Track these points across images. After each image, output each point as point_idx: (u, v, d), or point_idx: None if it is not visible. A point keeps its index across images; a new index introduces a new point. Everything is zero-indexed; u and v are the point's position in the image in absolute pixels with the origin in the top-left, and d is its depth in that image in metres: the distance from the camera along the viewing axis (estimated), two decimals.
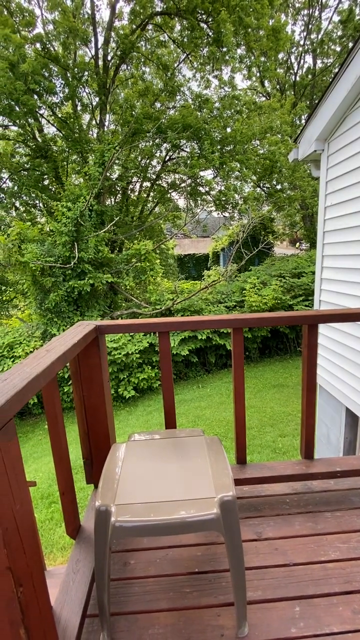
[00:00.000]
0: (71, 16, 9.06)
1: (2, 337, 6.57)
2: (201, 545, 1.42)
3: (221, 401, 6.26)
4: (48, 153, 9.49)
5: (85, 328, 1.34)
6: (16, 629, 0.70)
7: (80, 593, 1.11)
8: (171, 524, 0.99)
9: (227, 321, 1.44)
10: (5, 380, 0.79)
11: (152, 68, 10.94)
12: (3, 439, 0.67)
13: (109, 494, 1.07)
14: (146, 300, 8.12)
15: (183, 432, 1.44)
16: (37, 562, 0.77)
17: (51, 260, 6.62)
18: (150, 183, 10.76)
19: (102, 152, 7.62)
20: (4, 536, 0.65)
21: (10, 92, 7.75)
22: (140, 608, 1.18)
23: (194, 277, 14.60)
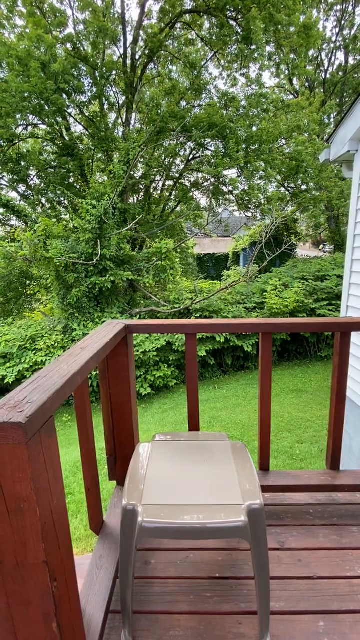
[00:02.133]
0: (101, 16, 9.18)
1: (25, 329, 6.76)
2: (222, 550, 1.41)
3: (237, 403, 6.20)
4: (74, 151, 9.66)
5: (115, 327, 1.35)
6: (49, 623, 0.71)
7: (103, 589, 1.13)
8: (198, 528, 0.99)
9: (256, 325, 1.42)
10: (45, 377, 0.81)
11: (179, 66, 10.92)
12: (45, 436, 0.68)
13: (135, 493, 1.08)
14: (165, 298, 8.15)
15: (208, 435, 1.43)
16: (70, 558, 0.79)
17: (75, 256, 6.75)
18: (173, 182, 10.77)
19: (127, 151, 7.69)
20: (43, 531, 0.66)
21: (41, 91, 7.95)
22: (161, 608, 1.19)
23: (213, 277, 14.53)
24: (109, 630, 1.10)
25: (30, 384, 0.77)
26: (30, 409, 0.64)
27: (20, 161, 9.69)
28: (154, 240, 9.30)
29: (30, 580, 0.69)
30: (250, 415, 5.62)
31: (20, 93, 7.94)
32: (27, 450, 0.61)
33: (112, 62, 9.36)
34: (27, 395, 0.71)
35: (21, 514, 0.65)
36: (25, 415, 0.62)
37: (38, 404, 0.66)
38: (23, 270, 8.43)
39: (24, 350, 6.30)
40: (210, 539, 1.12)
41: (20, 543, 0.66)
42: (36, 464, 0.64)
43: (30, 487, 0.63)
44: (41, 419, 0.67)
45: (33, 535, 0.66)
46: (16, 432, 0.60)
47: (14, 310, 9.32)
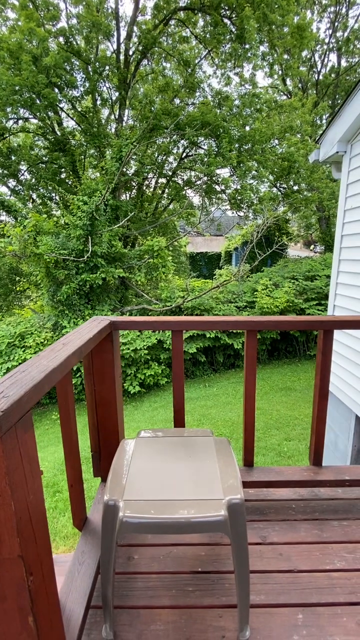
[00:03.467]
0: (95, 10, 9.08)
1: (15, 326, 6.68)
2: (205, 545, 1.42)
3: (227, 401, 6.24)
4: (66, 147, 9.55)
5: (100, 323, 1.35)
6: (25, 617, 0.71)
7: (85, 584, 1.13)
8: (178, 523, 0.99)
9: (242, 323, 1.43)
10: (24, 372, 0.80)
11: (172, 64, 10.88)
12: (21, 431, 0.68)
13: (117, 488, 1.08)
14: (157, 296, 8.14)
15: (192, 431, 1.44)
16: (47, 552, 0.79)
17: (65, 253, 6.68)
18: (166, 179, 10.74)
19: (119, 147, 7.63)
20: (18, 525, 0.66)
21: (32, 85, 7.83)
22: (142, 603, 1.19)
23: (205, 276, 14.56)
24: (89, 625, 1.10)
25: (7, 378, 0.76)
26: (5, 403, 0.64)
27: (10, 155, 9.55)
28: (146, 238, 9.27)
29: (5, 574, 0.68)
30: (239, 413, 5.66)
31: (11, 86, 7.81)
32: (2, 444, 0.61)
33: (106, 58, 9.27)
34: (3, 389, 0.70)
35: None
36: (0, 409, 0.62)
37: (14, 399, 0.66)
38: (12, 267, 8.33)
39: (12, 348, 6.23)
40: (191, 533, 1.14)
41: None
42: (11, 459, 0.64)
43: (5, 482, 0.63)
44: (17, 413, 0.66)
45: (8, 529, 0.66)
46: None
47: (2, 307, 9.19)
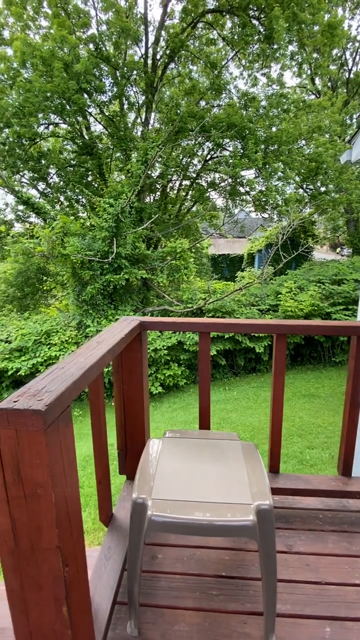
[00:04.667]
0: (124, 16, 9.27)
1: (41, 324, 6.90)
2: (229, 550, 1.41)
3: (248, 406, 6.15)
4: (93, 150, 9.80)
5: (130, 323, 1.37)
6: (60, 607, 0.73)
7: (111, 580, 1.15)
8: (206, 525, 0.99)
9: (271, 326, 1.41)
10: (63, 369, 0.83)
11: (199, 66, 10.92)
12: (62, 425, 0.70)
13: (145, 487, 1.09)
14: (178, 298, 8.16)
15: (218, 434, 1.43)
16: (81, 545, 0.81)
17: (90, 254, 6.84)
18: (190, 182, 10.77)
19: (145, 150, 7.74)
20: (57, 517, 0.68)
21: (63, 91, 8.09)
22: (166, 603, 1.20)
23: (227, 278, 14.45)
24: (115, 621, 1.12)
25: (49, 374, 0.79)
26: (49, 398, 0.66)
27: (41, 159, 9.90)
28: (169, 240, 9.33)
29: (44, 564, 0.71)
30: (260, 418, 5.57)
31: (43, 93, 8.11)
32: (45, 437, 0.63)
33: (134, 62, 9.44)
34: (45, 384, 0.73)
35: (37, 499, 0.67)
36: (45, 403, 0.64)
37: (56, 394, 0.68)
38: (40, 267, 8.62)
39: (38, 345, 6.44)
40: (218, 536, 1.13)
41: (36, 527, 0.69)
42: (53, 451, 0.66)
43: (47, 474, 0.65)
44: (59, 408, 0.69)
45: (48, 520, 0.68)
46: (35, 420, 0.62)
47: (30, 305, 9.52)
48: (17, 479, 0.66)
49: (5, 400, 0.66)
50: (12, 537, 0.69)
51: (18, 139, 8.96)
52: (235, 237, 16.33)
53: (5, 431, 0.63)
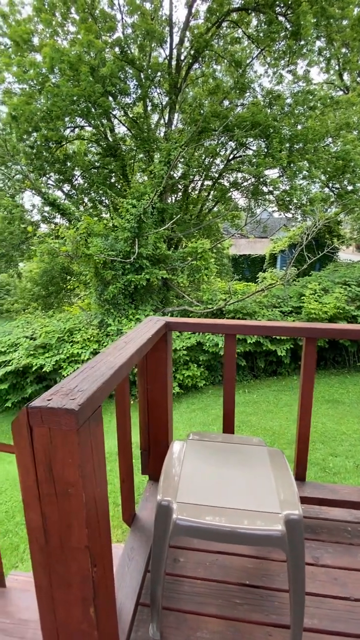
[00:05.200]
0: (149, 19, 9.34)
1: (64, 322, 7.07)
2: (252, 558, 1.37)
3: (268, 409, 6.03)
4: (117, 152, 9.93)
5: (156, 323, 1.36)
6: (87, 607, 0.73)
7: (134, 581, 1.14)
8: (234, 532, 0.97)
9: (302, 330, 1.36)
10: (93, 368, 0.83)
11: (223, 65, 10.84)
12: (93, 424, 0.70)
13: (170, 489, 1.08)
14: (198, 298, 8.13)
15: (243, 439, 1.40)
16: (108, 546, 0.80)
17: (113, 254, 6.94)
18: (211, 182, 10.71)
19: (168, 151, 7.76)
20: (87, 517, 0.68)
21: (89, 94, 8.25)
22: (189, 608, 1.18)
23: (248, 279, 14.27)
24: (137, 622, 1.11)
25: (80, 372, 0.79)
26: (81, 397, 0.66)
27: (66, 162, 10.15)
28: (190, 240, 9.32)
29: (73, 563, 0.71)
30: (281, 422, 5.44)
31: (70, 97, 8.31)
32: (78, 436, 0.63)
33: (158, 64, 9.50)
34: (77, 383, 0.73)
35: (68, 498, 0.67)
36: (78, 402, 0.64)
37: (88, 393, 0.68)
38: (64, 266, 8.83)
39: (61, 342, 6.59)
40: (245, 545, 1.10)
41: (66, 526, 0.69)
42: (84, 451, 0.66)
43: (78, 473, 0.65)
44: (91, 407, 0.68)
45: (78, 520, 0.68)
46: (69, 419, 0.62)
47: (54, 304, 9.79)
48: (49, 477, 0.66)
49: (39, 399, 0.66)
50: (42, 534, 0.70)
51: (45, 142, 9.23)
52: (257, 237, 16.09)
53: (39, 429, 0.64)
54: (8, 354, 6.38)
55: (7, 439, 5.68)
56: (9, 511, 3.60)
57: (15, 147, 8.90)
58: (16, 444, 0.66)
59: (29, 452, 0.65)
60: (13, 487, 4.07)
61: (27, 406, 0.64)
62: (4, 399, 6.52)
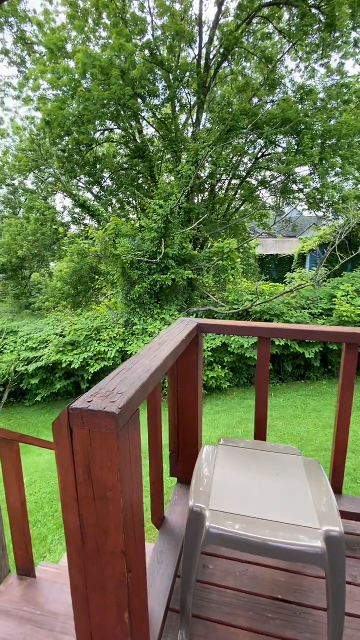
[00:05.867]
0: (179, 19, 9.35)
1: (92, 321, 7.24)
2: (285, 571, 1.32)
3: (295, 415, 5.85)
4: (145, 153, 10.04)
5: (188, 325, 1.34)
6: (122, 613, 0.72)
7: (164, 585, 1.13)
8: (270, 546, 0.92)
9: (344, 335, 1.29)
10: (130, 370, 0.82)
11: (253, 63, 10.65)
12: (131, 428, 0.69)
13: (202, 496, 1.06)
14: (223, 299, 8.04)
15: (276, 447, 1.35)
16: (143, 552, 0.79)
17: (140, 254, 7.02)
18: (239, 180, 10.56)
19: (196, 151, 7.73)
20: (124, 522, 0.67)
21: (119, 97, 8.39)
22: (219, 618, 1.15)
23: (275, 280, 13.94)
24: (167, 628, 1.10)
25: (117, 374, 0.79)
26: (121, 400, 0.65)
27: (96, 164, 10.39)
28: (216, 240, 9.24)
29: (108, 567, 0.70)
30: (309, 429, 5.26)
31: (101, 101, 8.49)
32: (118, 440, 0.62)
33: (187, 64, 9.49)
34: (116, 386, 0.72)
35: (105, 502, 0.66)
36: (118, 406, 0.63)
37: (128, 396, 0.67)
38: (93, 266, 9.04)
39: (89, 340, 6.76)
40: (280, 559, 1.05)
41: (103, 530, 0.68)
42: (123, 455, 0.65)
43: (117, 478, 0.64)
44: (130, 411, 0.67)
45: (115, 524, 0.67)
46: (109, 422, 0.62)
47: (82, 302, 10.05)
48: (88, 480, 0.66)
49: (79, 400, 0.66)
50: (80, 537, 0.70)
51: (77, 145, 9.50)
52: (285, 236, 15.68)
53: (79, 431, 0.63)
54: (39, 350, 6.63)
55: (36, 432, 5.90)
56: (38, 502, 3.73)
57: (49, 152, 9.23)
58: (56, 444, 0.66)
59: (69, 453, 0.65)
60: (42, 480, 4.21)
61: (69, 407, 0.64)
62: (35, 393, 6.78)
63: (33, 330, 7.22)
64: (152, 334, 6.86)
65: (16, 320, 8.70)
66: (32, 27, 9.77)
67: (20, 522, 1.58)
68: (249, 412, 6.02)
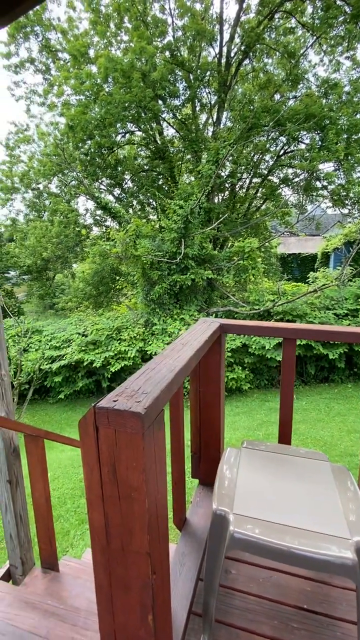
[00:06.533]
0: (199, 19, 9.33)
1: (113, 321, 7.35)
2: (311, 581, 1.27)
3: (318, 418, 5.68)
4: (165, 154, 10.08)
5: (210, 325, 1.33)
6: (146, 614, 0.72)
7: (187, 588, 1.12)
8: (297, 555, 0.89)
9: None
10: (154, 370, 0.82)
11: (275, 58, 10.46)
12: (156, 428, 0.68)
13: (226, 499, 1.04)
14: (244, 299, 7.93)
15: (302, 451, 1.30)
16: (166, 554, 0.78)
17: (160, 254, 7.05)
18: (260, 179, 10.40)
19: (216, 150, 7.68)
20: (149, 523, 0.67)
21: (140, 99, 8.47)
22: (242, 624, 1.12)
23: (297, 279, 13.62)
24: (189, 632, 1.09)
25: (142, 374, 0.78)
26: (146, 400, 0.65)
27: (117, 167, 10.55)
28: (236, 239, 9.14)
29: (133, 568, 0.70)
30: (333, 433, 5.09)
31: (122, 103, 8.60)
32: (143, 440, 0.62)
33: (207, 63, 9.45)
34: (141, 385, 0.72)
35: (130, 502, 0.66)
36: (143, 406, 0.63)
37: (153, 396, 0.67)
38: (113, 267, 9.18)
39: (110, 339, 6.86)
40: (307, 568, 1.01)
41: (127, 530, 0.68)
42: (148, 455, 0.65)
43: (142, 478, 0.64)
44: (155, 411, 0.67)
45: (140, 525, 0.67)
46: (135, 422, 0.61)
47: (103, 303, 10.23)
48: (113, 479, 0.66)
49: (105, 399, 0.66)
50: (104, 535, 0.70)
51: (98, 149, 9.68)
52: (308, 235, 15.28)
53: (105, 430, 0.63)
54: (62, 349, 6.80)
55: (59, 429, 6.05)
56: (60, 497, 3.81)
57: (72, 155, 9.46)
58: (82, 443, 0.67)
59: (94, 452, 0.66)
60: (64, 476, 4.31)
61: (95, 406, 0.64)
62: (58, 391, 6.96)
63: (56, 329, 7.41)
64: (171, 334, 6.87)
65: (40, 319, 8.98)
66: (56, 34, 10.05)
67: (45, 516, 1.62)
68: (269, 414, 5.91)
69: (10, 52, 9.64)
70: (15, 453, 1.65)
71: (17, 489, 1.66)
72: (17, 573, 1.73)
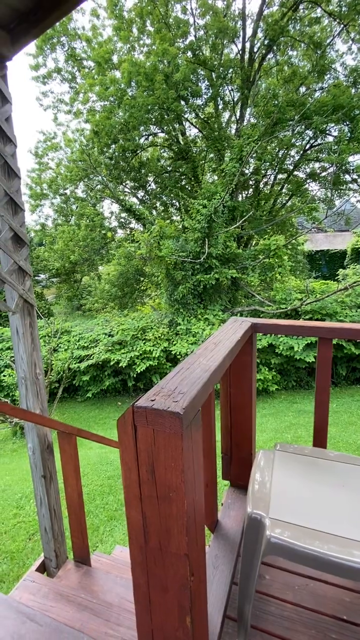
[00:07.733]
0: (221, 16, 9.25)
1: (138, 321, 7.44)
2: (350, 591, 1.22)
3: (351, 421, 5.45)
4: (188, 154, 10.08)
5: (242, 325, 1.30)
6: (184, 616, 0.71)
7: (221, 591, 1.10)
8: (338, 563, 0.85)
9: None
10: (188, 370, 0.81)
11: (300, 50, 10.16)
12: (194, 428, 0.68)
13: (261, 503, 1.01)
14: (270, 297, 7.76)
15: (341, 456, 1.25)
16: (203, 554, 0.77)
17: (183, 255, 7.05)
18: (286, 175, 10.14)
19: (240, 147, 7.58)
20: (187, 524, 0.66)
21: (163, 101, 8.53)
22: (278, 632, 1.09)
23: (326, 277, 13.16)
24: (224, 635, 1.07)
25: (177, 373, 0.78)
26: (184, 400, 0.64)
27: (141, 169, 10.68)
28: (262, 237, 8.97)
29: (171, 569, 0.69)
30: None
31: (145, 106, 8.69)
32: (182, 441, 0.61)
33: (229, 60, 9.35)
34: (177, 385, 0.71)
35: (169, 503, 0.66)
36: (182, 406, 0.62)
37: (190, 396, 0.66)
38: (138, 268, 9.30)
39: (135, 339, 6.95)
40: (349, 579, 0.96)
41: (165, 530, 0.67)
42: (187, 456, 0.64)
43: (181, 479, 0.63)
44: (192, 411, 0.66)
45: (178, 526, 0.66)
46: (173, 422, 0.61)
47: (128, 303, 10.40)
48: (152, 479, 0.66)
49: (142, 398, 0.66)
50: (142, 535, 0.70)
51: (122, 152, 9.85)
52: (336, 230, 14.72)
53: (143, 429, 0.63)
54: (90, 349, 6.97)
55: (87, 426, 6.21)
56: (90, 494, 3.90)
57: (97, 160, 9.68)
58: (121, 442, 0.67)
59: (133, 451, 0.66)
60: (93, 472, 4.41)
61: (133, 405, 0.64)
62: (86, 389, 7.15)
63: (84, 330, 7.62)
64: (195, 334, 6.85)
65: (69, 320, 9.27)
66: (81, 43, 10.32)
67: (77, 511, 1.66)
68: (298, 416, 5.74)
69: (38, 64, 10.02)
70: (50, 449, 1.70)
71: (51, 484, 1.72)
72: (52, 565, 1.78)
